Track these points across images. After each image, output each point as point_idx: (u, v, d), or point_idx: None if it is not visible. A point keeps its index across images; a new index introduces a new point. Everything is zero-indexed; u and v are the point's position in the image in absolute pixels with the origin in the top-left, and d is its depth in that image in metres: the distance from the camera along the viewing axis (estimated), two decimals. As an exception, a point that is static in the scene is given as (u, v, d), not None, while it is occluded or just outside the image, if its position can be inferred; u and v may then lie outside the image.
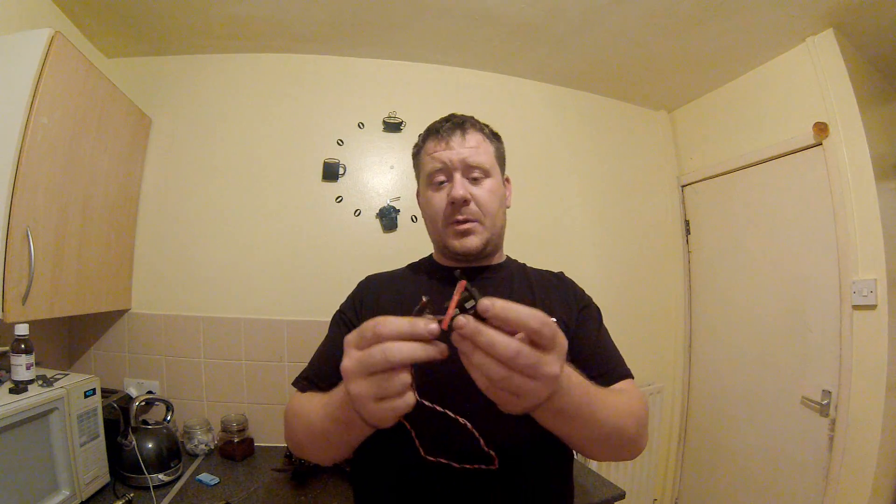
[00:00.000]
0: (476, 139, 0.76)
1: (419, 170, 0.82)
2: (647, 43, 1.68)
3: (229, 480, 1.30)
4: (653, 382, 2.06)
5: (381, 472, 0.69)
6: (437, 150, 0.76)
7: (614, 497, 1.24)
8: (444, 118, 0.80)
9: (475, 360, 0.38)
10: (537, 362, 0.37)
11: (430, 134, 0.79)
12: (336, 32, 1.68)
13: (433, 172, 0.76)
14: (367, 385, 0.40)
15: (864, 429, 1.39)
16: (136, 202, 1.64)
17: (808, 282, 1.60)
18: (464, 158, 0.74)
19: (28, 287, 1.04)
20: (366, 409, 0.41)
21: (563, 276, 0.85)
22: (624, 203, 2.13)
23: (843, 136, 1.48)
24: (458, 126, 0.77)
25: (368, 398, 0.40)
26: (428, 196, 0.78)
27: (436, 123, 0.79)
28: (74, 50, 1.19)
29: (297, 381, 0.74)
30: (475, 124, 0.79)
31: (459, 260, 0.77)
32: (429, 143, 0.79)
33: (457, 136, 0.76)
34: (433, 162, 0.76)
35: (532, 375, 0.37)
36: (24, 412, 0.92)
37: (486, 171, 0.76)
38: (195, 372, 1.62)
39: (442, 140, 0.76)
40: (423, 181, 0.80)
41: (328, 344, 0.77)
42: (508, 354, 0.36)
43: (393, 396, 0.40)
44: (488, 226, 0.75)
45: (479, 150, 0.75)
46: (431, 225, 0.80)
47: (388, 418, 0.41)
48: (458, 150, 0.74)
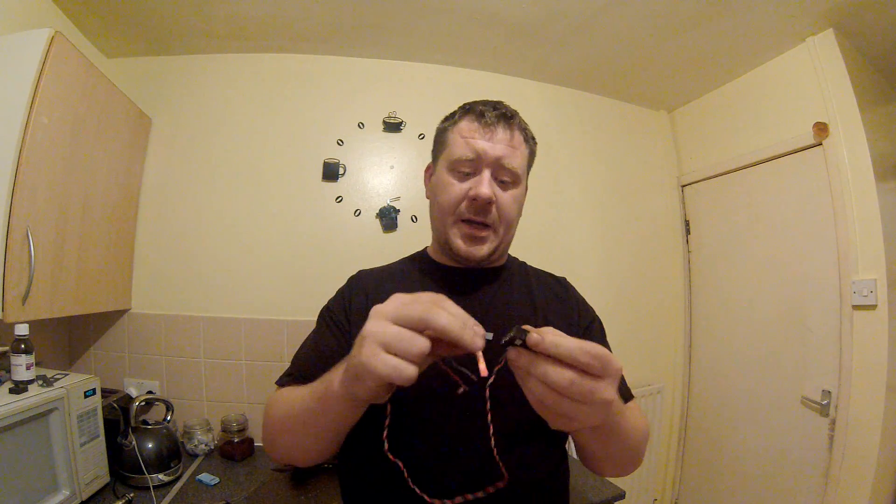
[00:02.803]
0: (518, 139, 0.69)
1: (443, 147, 0.72)
2: (647, 43, 1.68)
3: (229, 480, 1.29)
4: (653, 382, 2.06)
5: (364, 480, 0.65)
6: (475, 136, 0.66)
7: (614, 497, 1.24)
8: (491, 102, 0.70)
9: (529, 385, 0.39)
10: (591, 390, 0.37)
11: (471, 113, 0.69)
12: (336, 32, 1.68)
13: (462, 160, 0.67)
14: (388, 330, 0.38)
15: (864, 429, 1.39)
16: (136, 202, 1.64)
17: (808, 282, 1.60)
18: (500, 157, 0.66)
19: (28, 287, 1.04)
20: (366, 354, 0.39)
21: (565, 283, 0.81)
22: (624, 203, 2.13)
23: (843, 136, 1.48)
24: (505, 118, 0.68)
25: (379, 344, 0.38)
26: (447, 180, 0.69)
27: (481, 105, 0.69)
28: (74, 50, 1.19)
29: (280, 378, 0.69)
30: (520, 122, 0.71)
31: (460, 262, 0.72)
32: (467, 122, 0.68)
33: (501, 128, 0.67)
34: (466, 148, 0.66)
35: (586, 402, 0.38)
36: (24, 412, 0.92)
37: (517, 177, 0.69)
38: (195, 372, 1.62)
39: (485, 128, 0.66)
40: (445, 164, 0.70)
41: (313, 341, 0.71)
42: (563, 384, 0.37)
43: (402, 356, 0.38)
44: (501, 234, 0.70)
45: (517, 153, 0.68)
46: (439, 213, 0.71)
47: (382, 375, 0.38)
48: (497, 144, 0.66)
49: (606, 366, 0.37)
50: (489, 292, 0.73)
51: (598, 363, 0.37)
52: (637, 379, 2.01)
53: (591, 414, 0.39)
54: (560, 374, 0.37)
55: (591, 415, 0.39)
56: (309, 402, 0.53)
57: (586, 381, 0.37)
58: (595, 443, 0.56)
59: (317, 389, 0.52)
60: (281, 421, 0.59)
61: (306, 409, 0.53)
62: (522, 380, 0.40)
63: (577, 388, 0.37)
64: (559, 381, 0.37)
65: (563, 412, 0.38)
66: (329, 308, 0.74)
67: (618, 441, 0.55)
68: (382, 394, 0.43)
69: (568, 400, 0.37)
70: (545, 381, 0.38)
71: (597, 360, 0.37)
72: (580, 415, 0.38)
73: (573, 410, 0.38)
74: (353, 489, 0.68)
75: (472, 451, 0.58)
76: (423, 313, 0.38)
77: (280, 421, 0.59)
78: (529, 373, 0.39)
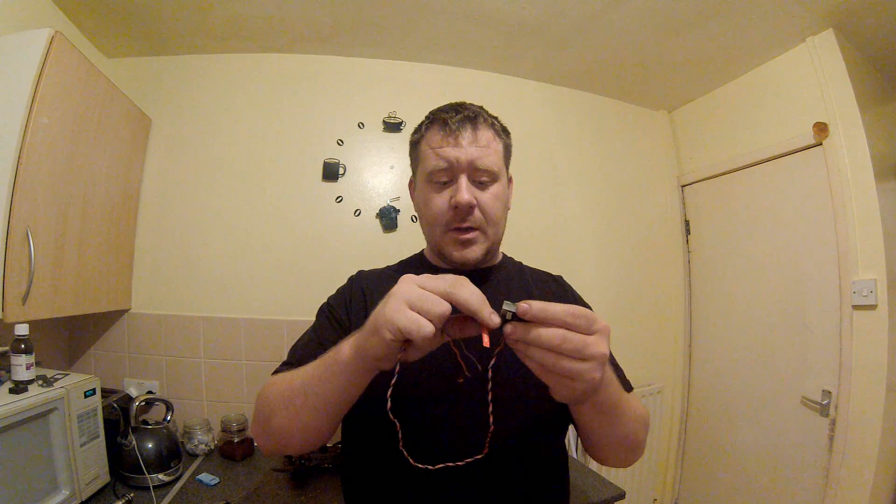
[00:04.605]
0: (487, 137, 0.68)
1: (418, 162, 0.73)
2: (647, 43, 1.68)
3: (229, 480, 1.29)
4: (653, 382, 2.06)
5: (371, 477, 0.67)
6: (444, 145, 0.67)
7: (614, 497, 1.24)
8: (453, 106, 0.71)
9: (529, 352, 0.42)
10: (583, 344, 0.41)
11: (436, 123, 0.69)
12: (336, 32, 1.68)
13: (435, 171, 0.67)
14: (414, 291, 0.42)
15: (864, 429, 1.39)
16: (136, 202, 1.64)
17: (808, 282, 1.60)
18: (472, 160, 0.66)
19: (28, 287, 1.04)
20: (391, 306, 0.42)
21: (561, 281, 0.82)
22: (624, 203, 2.13)
23: (843, 136, 1.48)
24: (469, 120, 0.68)
25: (405, 301, 0.42)
26: (427, 196, 0.70)
27: (443, 111, 0.70)
28: (74, 50, 1.19)
29: (277, 369, 0.69)
30: (486, 119, 0.70)
31: (456, 267, 0.72)
32: (433, 133, 0.69)
33: (467, 131, 0.67)
34: (437, 159, 0.67)
35: (581, 357, 0.41)
36: (24, 412, 0.92)
37: (493, 175, 0.68)
38: (195, 372, 1.62)
39: (450, 134, 0.67)
40: (423, 177, 0.71)
41: (312, 334, 0.71)
42: (555, 342, 0.41)
43: (425, 314, 0.41)
44: (490, 234, 0.70)
45: (488, 151, 0.68)
46: (428, 227, 0.73)
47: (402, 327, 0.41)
48: (467, 148, 0.66)
49: (591, 322, 0.42)
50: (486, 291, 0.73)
51: (583, 321, 0.41)
52: (637, 379, 2.00)
53: (589, 370, 0.41)
54: (552, 332, 0.41)
55: (591, 371, 0.42)
56: (313, 371, 0.53)
57: (577, 336, 0.41)
58: (597, 423, 0.58)
59: (323, 359, 0.53)
60: (278, 397, 0.58)
61: (310, 379, 0.54)
62: (522, 353, 0.43)
63: (569, 343, 0.40)
64: (552, 338, 0.41)
65: (563, 371, 0.41)
66: (329, 304, 0.75)
67: (619, 421, 0.58)
68: (393, 354, 0.44)
69: (566, 358, 0.41)
70: (540, 344, 0.41)
71: (581, 318, 0.41)
72: (580, 373, 0.41)
73: (572, 369, 0.41)
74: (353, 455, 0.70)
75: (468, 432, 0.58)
76: (448, 286, 0.42)
77: (277, 397, 0.58)
78: (527, 342, 0.42)
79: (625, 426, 0.59)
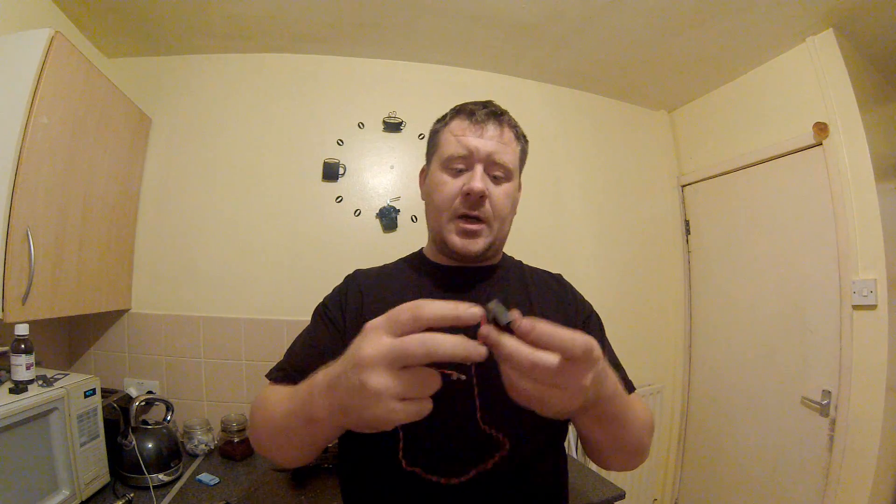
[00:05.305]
0: (509, 135, 0.71)
1: (436, 147, 0.74)
2: (647, 43, 1.68)
3: (229, 480, 1.29)
4: (653, 382, 2.06)
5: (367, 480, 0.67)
6: (467, 133, 0.69)
7: (614, 497, 1.24)
8: (481, 102, 0.73)
9: (501, 367, 0.38)
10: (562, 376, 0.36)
11: (462, 114, 0.71)
12: (336, 32, 1.68)
13: (454, 157, 0.69)
14: (393, 380, 0.34)
15: (864, 429, 1.39)
16: (136, 202, 1.64)
17: (808, 282, 1.60)
18: (491, 153, 0.68)
19: (28, 287, 1.04)
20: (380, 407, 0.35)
21: (561, 279, 0.82)
22: (624, 203, 2.13)
23: (843, 136, 1.48)
24: (494, 116, 0.70)
25: (391, 396, 0.35)
26: (440, 179, 0.70)
27: (471, 105, 0.72)
28: (74, 50, 1.19)
29: (271, 371, 0.69)
30: (510, 120, 0.73)
31: (456, 259, 0.72)
32: (458, 122, 0.71)
33: (491, 125, 0.69)
34: (458, 146, 0.68)
35: (557, 386, 0.37)
36: (24, 412, 0.92)
37: (508, 172, 0.70)
38: (195, 372, 1.62)
39: (475, 124, 0.69)
40: (439, 162, 0.72)
41: (307, 336, 0.71)
42: (524, 366, 0.36)
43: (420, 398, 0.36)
44: (495, 230, 0.71)
45: (508, 148, 0.70)
46: (435, 212, 0.72)
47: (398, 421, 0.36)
48: (488, 141, 0.68)
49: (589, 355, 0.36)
50: (485, 290, 0.73)
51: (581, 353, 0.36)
52: (637, 379, 1.98)
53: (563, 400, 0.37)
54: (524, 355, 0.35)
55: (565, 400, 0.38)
56: (288, 418, 0.50)
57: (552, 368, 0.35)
58: (598, 431, 0.55)
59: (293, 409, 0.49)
60: (263, 428, 0.59)
61: (286, 427, 0.51)
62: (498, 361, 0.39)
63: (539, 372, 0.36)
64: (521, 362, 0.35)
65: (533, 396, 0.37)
66: (325, 305, 0.75)
67: (622, 430, 0.55)
68: None
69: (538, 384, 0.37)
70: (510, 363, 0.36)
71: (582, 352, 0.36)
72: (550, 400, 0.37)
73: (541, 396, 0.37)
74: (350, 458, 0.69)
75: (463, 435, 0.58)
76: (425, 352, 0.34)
77: (262, 427, 0.59)
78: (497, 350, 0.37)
79: (629, 434, 0.57)
